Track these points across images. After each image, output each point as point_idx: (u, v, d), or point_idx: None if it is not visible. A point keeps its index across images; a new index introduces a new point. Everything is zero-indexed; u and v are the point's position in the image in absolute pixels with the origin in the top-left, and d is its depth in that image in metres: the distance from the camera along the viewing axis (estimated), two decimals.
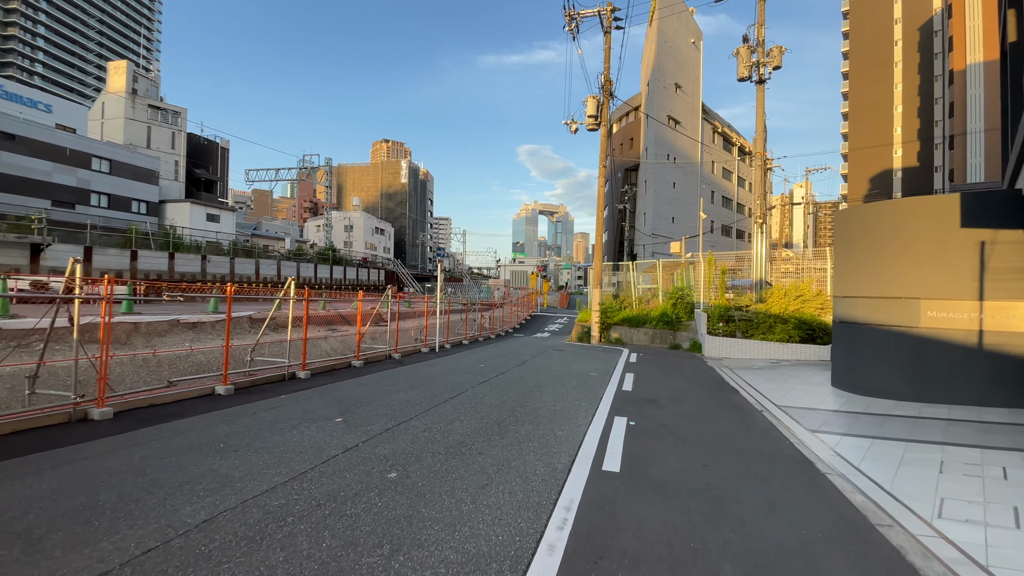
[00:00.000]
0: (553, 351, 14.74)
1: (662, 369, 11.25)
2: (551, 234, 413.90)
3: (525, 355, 13.46)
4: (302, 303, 9.98)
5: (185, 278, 26.16)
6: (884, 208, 7.74)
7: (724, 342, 13.72)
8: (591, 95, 17.11)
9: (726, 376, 10.46)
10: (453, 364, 11.46)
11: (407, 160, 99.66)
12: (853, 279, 8.19)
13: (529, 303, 35.45)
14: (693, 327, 16.05)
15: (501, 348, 15.75)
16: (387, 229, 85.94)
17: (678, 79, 50.76)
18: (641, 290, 18.94)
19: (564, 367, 11.11)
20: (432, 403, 6.87)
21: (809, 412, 7.02)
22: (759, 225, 14.15)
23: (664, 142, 48.76)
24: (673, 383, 9.33)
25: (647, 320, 16.79)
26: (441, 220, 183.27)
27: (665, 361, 12.72)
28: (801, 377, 9.95)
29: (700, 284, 16.92)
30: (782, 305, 13.26)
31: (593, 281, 17.87)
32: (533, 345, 16.97)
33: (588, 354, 14.04)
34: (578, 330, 18.75)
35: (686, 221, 51.32)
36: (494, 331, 22.18)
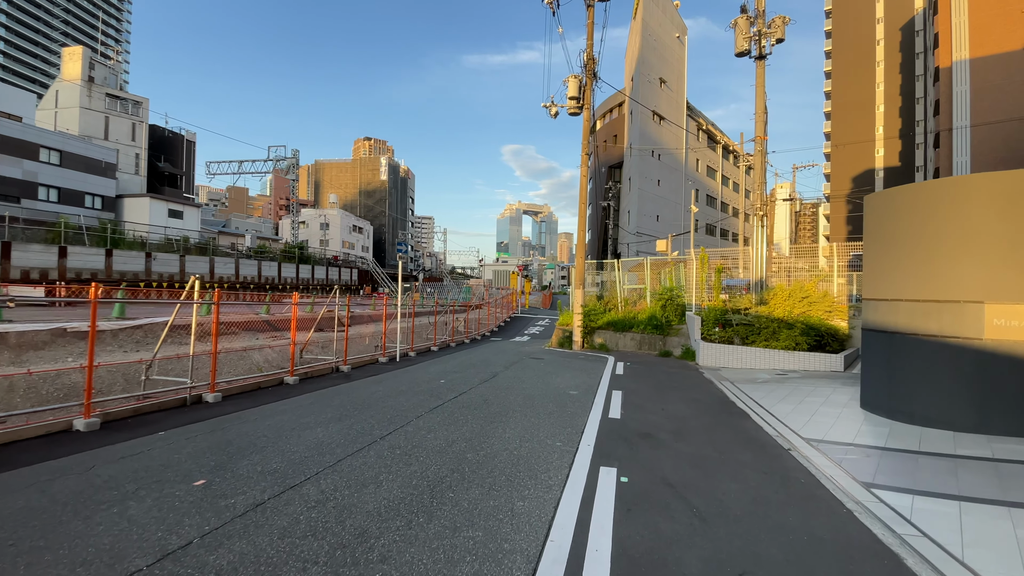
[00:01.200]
0: (530, 359, 13.03)
1: (654, 384, 9.61)
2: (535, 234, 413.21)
3: (497, 365, 11.72)
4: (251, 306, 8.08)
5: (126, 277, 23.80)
6: (935, 189, 6.20)
7: (721, 349, 12.17)
8: (572, 75, 15.45)
9: (729, 392, 8.86)
10: (408, 379, 9.66)
11: (387, 157, 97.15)
12: (892, 278, 6.62)
13: (509, 304, 33.74)
14: (684, 331, 14.50)
15: (472, 356, 13.99)
16: (365, 227, 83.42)
17: (663, 74, 49.56)
18: (627, 291, 17.36)
19: (540, 382, 9.39)
20: (353, 446, 5.08)
21: (849, 450, 5.42)
22: (760, 218, 12.65)
23: (648, 138, 47.51)
24: (670, 405, 7.68)
25: (634, 324, 15.19)
26: (423, 219, 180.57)
27: (656, 373, 11.10)
28: (819, 395, 8.39)
29: (692, 284, 15.38)
30: (786, 308, 11.76)
31: (575, 281, 16.21)
32: (508, 352, 15.25)
33: (569, 363, 12.36)
34: (559, 335, 17.08)
35: (670, 219, 50.15)
36: (468, 335, 20.41)
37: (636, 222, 44.40)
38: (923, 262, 6.23)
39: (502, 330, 25.27)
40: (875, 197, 7.06)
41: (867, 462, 5.04)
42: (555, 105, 15.89)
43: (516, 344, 18.57)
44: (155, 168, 51.88)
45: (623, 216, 48.02)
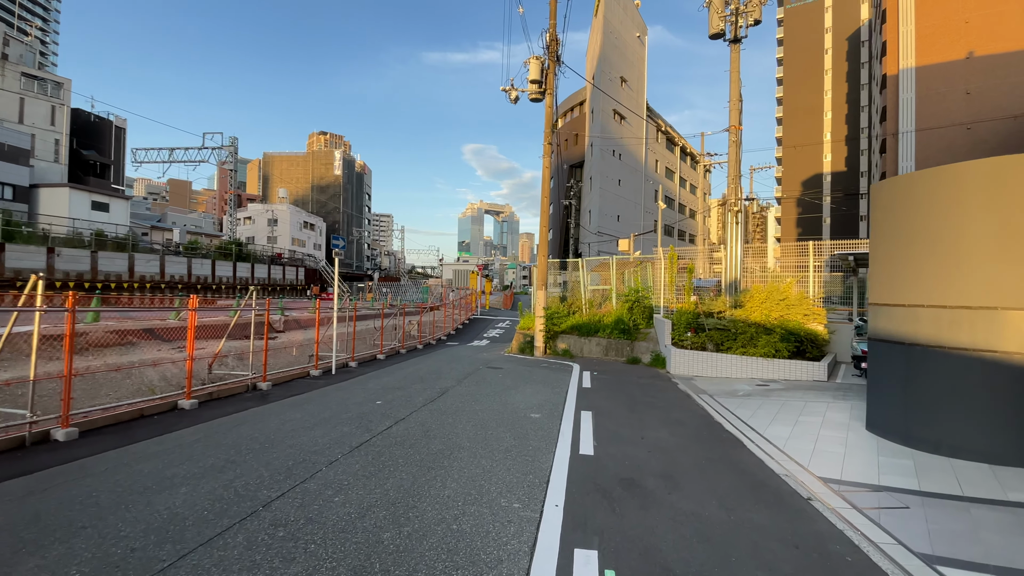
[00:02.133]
0: (487, 370, 11.61)
1: (627, 400, 8.39)
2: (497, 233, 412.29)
3: (449, 378, 10.24)
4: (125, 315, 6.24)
5: (21, 276, 20.72)
6: (967, 173, 5.20)
7: (694, 356, 11.15)
8: (534, 56, 14.14)
9: (711, 410, 7.75)
10: (338, 401, 8.04)
11: (341, 151, 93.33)
12: (910, 280, 5.60)
13: (469, 305, 32.18)
14: (653, 336, 13.46)
15: (423, 365, 12.44)
16: (318, 224, 79.71)
17: (624, 73, 49.25)
18: (591, 292, 16.23)
19: (496, 401, 7.99)
20: (216, 524, 3.51)
21: (883, 498, 4.29)
22: (735, 214, 11.74)
23: (610, 138, 47.02)
24: (649, 431, 6.44)
25: (600, 328, 14.03)
26: (382, 217, 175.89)
27: (627, 385, 9.92)
28: (814, 413, 7.38)
29: (660, 285, 14.39)
30: (763, 311, 10.85)
31: (537, 281, 14.91)
32: (464, 359, 13.77)
33: (530, 374, 11.02)
34: (519, 340, 15.75)
35: (631, 219, 49.91)
36: (422, 340, 18.77)
37: (597, 221, 43.78)
38: (951, 261, 5.22)
39: (460, 333, 23.73)
40: (886, 185, 6.05)
41: (913, 520, 3.91)
42: (515, 89, 14.53)
43: (474, 350, 17.10)
44: (79, 157, 47.19)
45: (584, 215, 47.35)
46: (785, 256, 16.31)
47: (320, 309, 11.88)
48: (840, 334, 11.43)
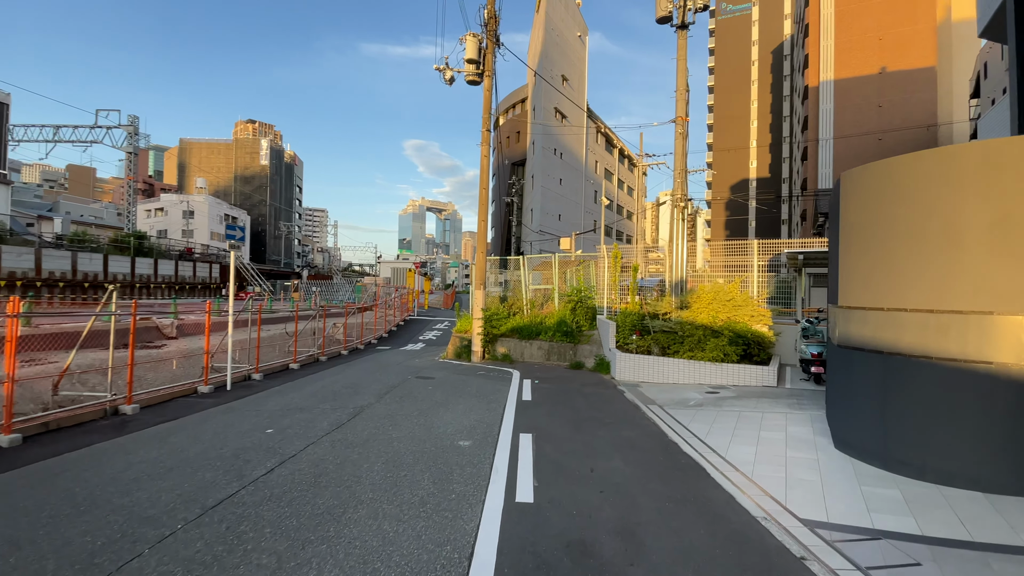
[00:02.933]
0: (416, 381, 10.26)
1: (573, 417, 7.37)
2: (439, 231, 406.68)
3: (367, 393, 8.81)
4: None
5: None
6: (961, 157, 4.54)
7: (640, 361, 10.40)
8: (471, 33, 12.90)
9: (664, 425, 6.89)
10: (215, 430, 6.44)
11: (269, 139, 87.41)
12: (889, 281, 4.93)
13: (405, 305, 30.39)
14: (596, 338, 12.66)
15: (341, 377, 10.88)
16: (241, 217, 74.09)
17: (565, 71, 49.03)
18: (533, 292, 15.24)
19: (419, 425, 6.70)
20: None
21: (885, 549, 3.47)
22: (681, 210, 11.12)
23: (551, 136, 46.61)
24: (601, 459, 5.42)
25: (542, 331, 13.05)
26: (315, 211, 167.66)
27: (572, 395, 8.94)
28: (774, 428, 6.68)
29: (603, 285, 13.65)
30: (711, 313, 10.27)
31: (475, 280, 13.71)
32: (392, 367, 12.32)
33: (465, 384, 9.80)
34: (456, 343, 14.47)
35: (572, 219, 49.87)
36: (348, 344, 17.01)
37: (539, 220, 43.21)
38: (939, 260, 4.56)
39: (393, 336, 22.03)
40: (861, 173, 5.36)
41: None
42: (450, 69, 13.23)
43: (405, 355, 15.61)
44: None
45: (526, 214, 46.68)
46: (716, 255, 16.11)
47: (219, 312, 10.03)
48: (784, 336, 11.11)
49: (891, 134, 40.82)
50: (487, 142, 13.34)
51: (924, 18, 40.03)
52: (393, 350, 17.15)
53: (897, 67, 40.63)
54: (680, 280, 11.02)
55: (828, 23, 43.43)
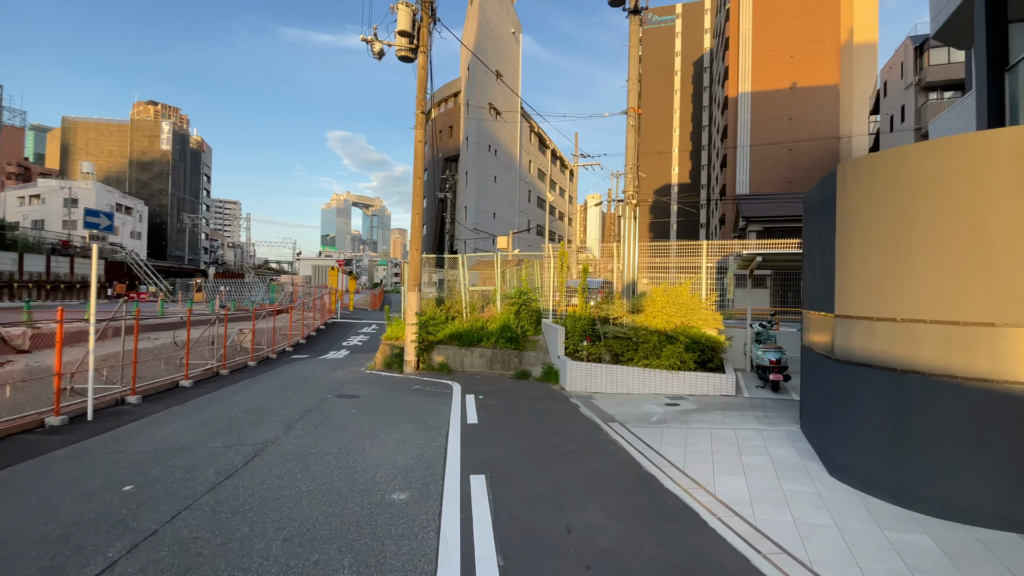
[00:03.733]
0: (337, 400, 8.69)
1: (530, 445, 6.26)
2: (366, 228, 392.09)
3: (274, 421, 7.17)
4: None
5: None
6: (989, 144, 3.94)
7: (592, 369, 9.54)
8: (403, 2, 11.42)
9: (633, 450, 5.98)
10: (46, 494, 4.63)
11: (172, 121, 78.93)
12: (904, 287, 4.28)
13: (326, 306, 27.91)
14: (542, 344, 11.70)
15: (241, 398, 9.04)
16: (137, 208, 66.16)
17: (499, 67, 48.08)
18: (472, 293, 14.01)
19: (339, 469, 5.29)
20: None
21: None
22: (632, 206, 10.40)
23: (486, 132, 45.52)
24: (576, 512, 4.35)
25: (483, 336, 11.87)
26: (227, 203, 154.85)
27: (523, 413, 7.83)
28: (752, 448, 5.98)
29: (549, 286, 12.73)
30: (665, 317, 9.62)
31: (408, 280, 12.26)
32: (309, 382, 10.58)
33: (397, 405, 8.38)
34: (385, 352, 12.91)
35: (507, 218, 49.10)
36: (255, 354, 14.84)
37: (474, 218, 41.96)
38: (969, 263, 3.93)
39: (312, 342, 19.83)
40: (866, 163, 4.69)
41: None
42: (379, 41, 11.67)
43: (326, 365, 13.78)
44: None
45: (460, 211, 45.25)
46: (659, 257, 15.80)
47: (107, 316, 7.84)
48: (735, 340, 10.75)
49: (800, 145, 43.92)
50: (422, 126, 11.94)
51: (829, 39, 43.37)
52: (311, 359, 15.19)
53: (806, 83, 43.71)
54: (632, 282, 10.31)
55: (746, 38, 45.91)
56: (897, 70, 32.59)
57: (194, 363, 11.91)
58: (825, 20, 43.80)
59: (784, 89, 44.05)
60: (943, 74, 27.73)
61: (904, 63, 30.51)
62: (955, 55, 27.95)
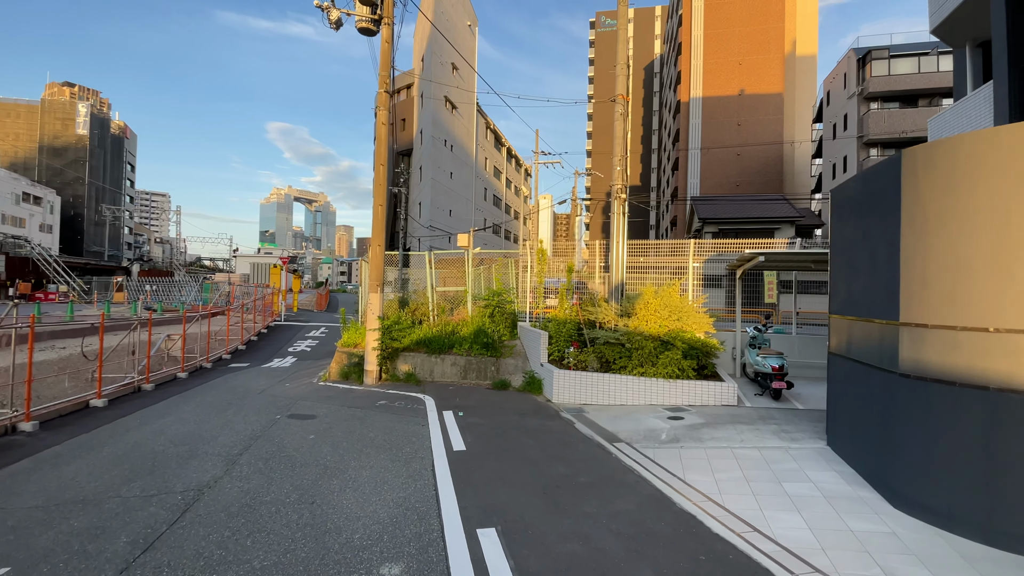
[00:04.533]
0: (289, 423, 7.32)
1: (536, 478, 5.25)
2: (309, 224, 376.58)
3: (211, 456, 5.77)
4: None
5: None
6: None
7: (581, 379, 8.68)
8: None
9: (657, 481, 5.13)
10: None
11: (90, 104, 71.67)
12: (997, 294, 3.63)
13: (269, 307, 25.64)
14: (520, 350, 10.74)
15: (168, 422, 7.46)
16: (48, 198, 59.48)
17: (455, 60, 46.70)
18: (440, 295, 12.80)
19: (299, 530, 4.06)
20: None
21: None
22: (622, 201, 9.63)
23: (441, 126, 44.00)
24: (621, 570, 3.40)
25: (455, 342, 10.75)
26: (154, 195, 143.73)
27: (515, 434, 6.82)
28: (789, 475, 5.27)
29: (526, 287, 11.78)
30: (659, 321, 8.90)
31: (370, 280, 10.92)
32: (252, 400, 9.06)
33: (364, 428, 7.13)
34: (342, 361, 11.49)
35: (463, 215, 47.77)
36: (187, 365, 12.96)
37: (429, 215, 40.40)
38: None
39: (253, 348, 17.86)
40: (948, 146, 4.03)
41: None
42: (336, 8, 10.26)
43: (271, 376, 12.15)
44: None
45: (414, 207, 43.46)
46: (634, 256, 15.21)
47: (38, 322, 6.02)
48: (727, 345, 10.22)
49: (747, 150, 45.45)
50: (385, 107, 10.65)
51: (775, 49, 45.11)
52: (253, 369, 13.45)
53: (753, 90, 45.27)
54: (620, 283, 9.55)
55: (698, 44, 46.99)
56: (840, 80, 34.14)
57: (110, 377, 10.04)
58: (771, 31, 45.52)
59: (733, 95, 45.42)
60: (884, 85, 29.19)
61: (847, 74, 31.95)
62: (895, 67, 29.53)
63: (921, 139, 28.40)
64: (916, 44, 30.10)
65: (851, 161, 31.51)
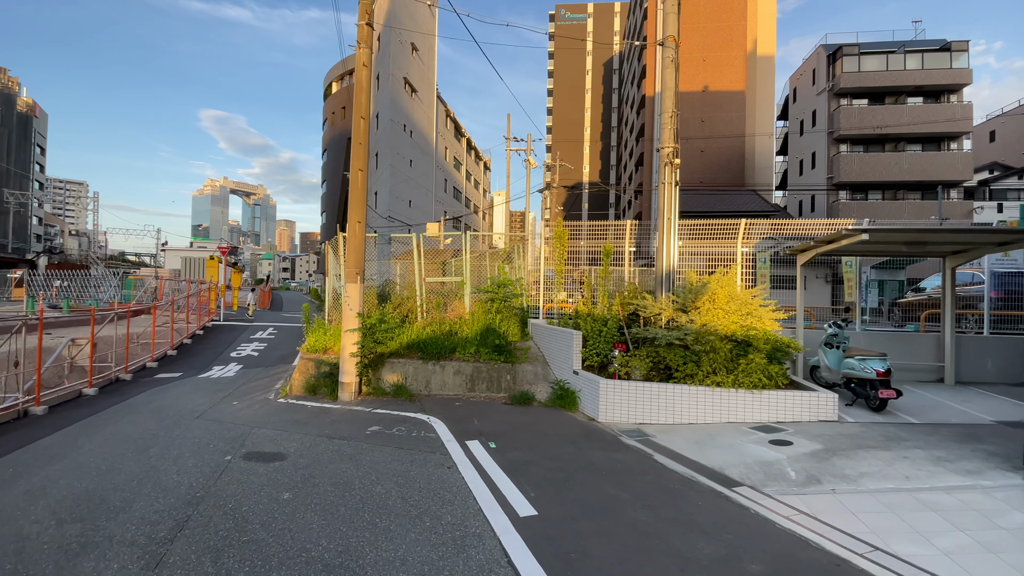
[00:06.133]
0: (247, 468, 4.91)
1: (674, 567, 3.25)
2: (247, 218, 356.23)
3: (123, 541, 3.32)
4: None
5: None
6: None
7: (636, 392, 6.77)
8: None
9: (827, 542, 3.29)
10: None
11: None
12: None
13: (206, 304, 22.13)
14: (535, 353, 8.71)
15: (62, 470, 4.83)
16: None
17: (415, 40, 43.78)
18: (430, 288, 10.49)
19: None
20: None
21: None
22: (674, 166, 7.76)
23: (400, 110, 41.03)
24: None
25: (456, 344, 8.55)
26: (71, 184, 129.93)
27: (586, 478, 4.76)
28: (1018, 526, 3.55)
29: (539, 276, 9.74)
30: (728, 317, 7.12)
31: (346, 268, 8.54)
32: (188, 428, 6.48)
33: (361, 475, 4.83)
34: (308, 370, 8.98)
35: (423, 206, 44.93)
36: (96, 378, 10.02)
37: (387, 204, 37.44)
38: None
39: (188, 352, 14.74)
40: None
41: None
42: None
43: (213, 390, 9.42)
44: None
45: (370, 197, 40.28)
46: None
47: None
48: None
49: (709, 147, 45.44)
50: (367, 43, 8.29)
51: (737, 47, 45.28)
52: (188, 380, 10.60)
53: (717, 87, 45.26)
54: (669, 270, 7.71)
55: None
56: (808, 76, 34.30)
57: None
58: (734, 28, 45.65)
59: (697, 91, 45.20)
60: (855, 81, 29.32)
61: (816, 70, 32.04)
62: (865, 64, 29.76)
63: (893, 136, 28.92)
64: (882, 43, 30.55)
65: (820, 156, 31.62)
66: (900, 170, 28.83)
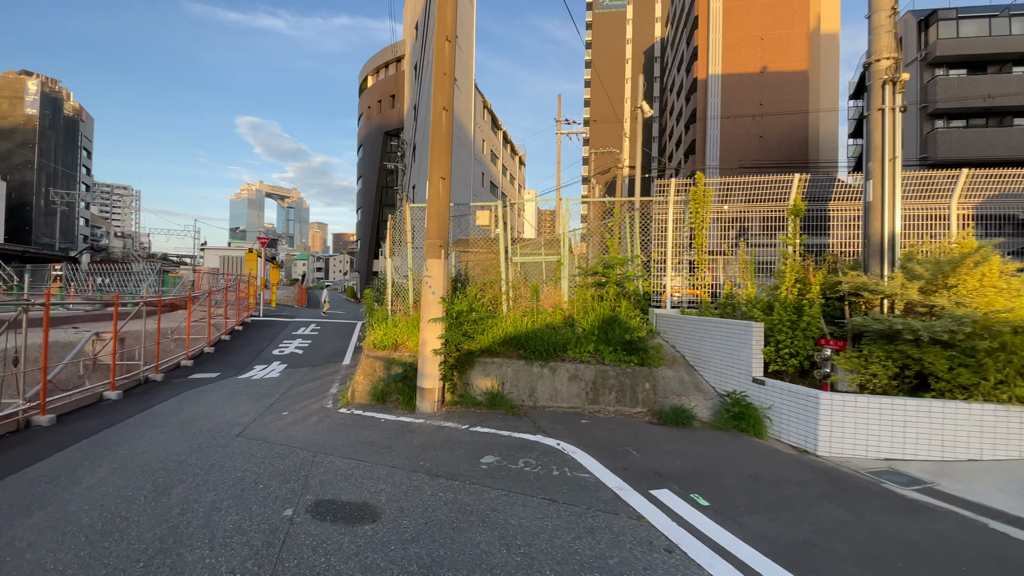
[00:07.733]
0: (314, 544, 2.87)
1: None
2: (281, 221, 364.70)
3: None
4: None
5: None
6: None
7: (882, 410, 4.49)
8: None
9: None
10: None
11: (39, 80, 64.51)
12: None
13: (245, 300, 20.74)
14: (669, 352, 6.50)
15: (47, 519, 2.94)
16: None
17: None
18: (516, 268, 8.41)
19: None
20: None
21: None
22: (901, 84, 5.43)
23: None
24: None
25: (566, 340, 6.42)
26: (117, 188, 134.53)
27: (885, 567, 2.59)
28: None
29: (667, 251, 7.51)
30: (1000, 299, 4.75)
31: (428, 239, 6.63)
32: (224, 454, 4.55)
33: (509, 556, 2.77)
34: (375, 372, 7.01)
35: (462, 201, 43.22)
36: (119, 379, 8.32)
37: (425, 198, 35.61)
38: None
39: (226, 349, 13.11)
40: None
41: None
42: None
43: (254, 395, 7.55)
44: None
45: (408, 190, 38.71)
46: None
47: None
48: None
49: (769, 132, 42.08)
50: None
51: (799, 23, 41.85)
52: (226, 381, 8.80)
53: (776, 68, 41.93)
54: (891, 234, 5.38)
55: (717, 17, 43.45)
56: None
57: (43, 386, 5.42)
58: (795, 4, 42.24)
59: (755, 73, 41.97)
60: (953, 48, 25.92)
61: (905, 39, 28.60)
62: (964, 29, 26.29)
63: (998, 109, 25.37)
64: (980, 7, 26.97)
65: (908, 135, 28.21)
66: (1008, 147, 25.29)
